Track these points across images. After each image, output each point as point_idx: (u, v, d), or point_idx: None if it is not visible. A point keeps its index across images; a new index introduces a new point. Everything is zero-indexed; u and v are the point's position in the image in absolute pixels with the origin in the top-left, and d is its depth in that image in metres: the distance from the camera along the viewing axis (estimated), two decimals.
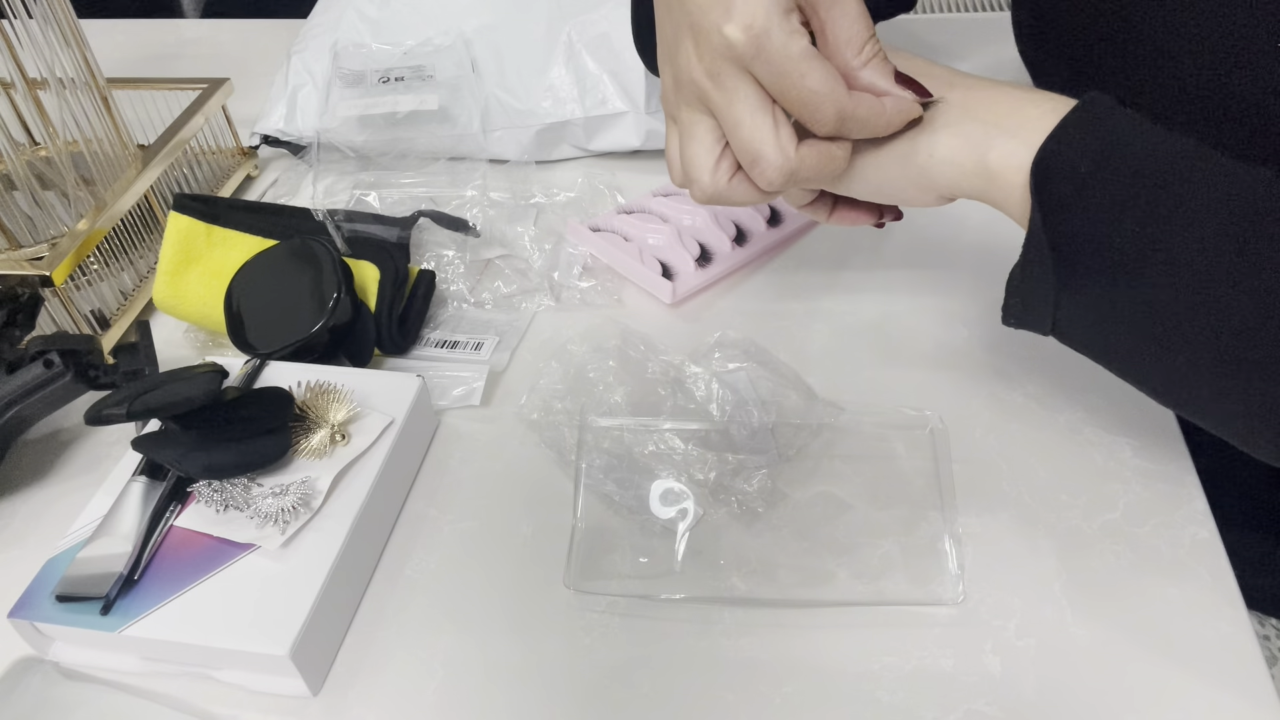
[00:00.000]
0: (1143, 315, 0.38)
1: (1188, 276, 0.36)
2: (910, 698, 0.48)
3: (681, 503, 0.56)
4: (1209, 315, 0.36)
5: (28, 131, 0.80)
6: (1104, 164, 0.36)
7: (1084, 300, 0.39)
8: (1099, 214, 0.36)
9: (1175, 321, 0.37)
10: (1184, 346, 0.38)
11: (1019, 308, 0.42)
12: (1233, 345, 0.36)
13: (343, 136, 0.86)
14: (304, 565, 0.50)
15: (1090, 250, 0.37)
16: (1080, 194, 0.36)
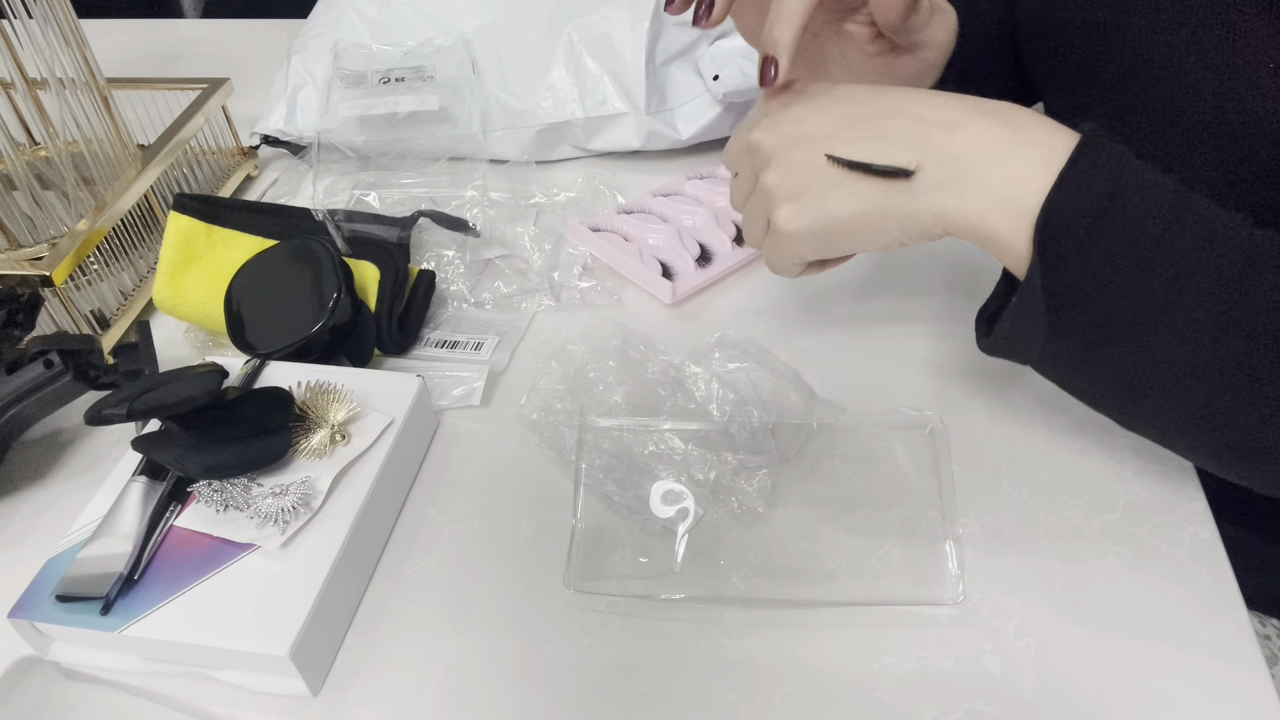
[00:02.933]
0: (1127, 366, 0.39)
1: (1174, 335, 0.37)
2: (910, 698, 0.48)
3: (681, 503, 0.56)
4: (1192, 373, 0.38)
5: (28, 131, 0.80)
6: (1102, 222, 0.37)
7: (1071, 346, 0.40)
8: (1096, 272, 0.37)
9: (1159, 375, 0.38)
10: (1165, 399, 0.39)
11: (1004, 344, 0.42)
12: (1211, 402, 0.38)
13: (343, 137, 0.86)
14: (304, 565, 0.50)
15: (1084, 304, 0.38)
16: (1080, 252, 0.37)
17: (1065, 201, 0.37)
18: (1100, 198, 0.36)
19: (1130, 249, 0.36)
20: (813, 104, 0.45)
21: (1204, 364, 0.37)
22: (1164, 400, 0.39)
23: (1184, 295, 0.36)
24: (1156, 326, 0.37)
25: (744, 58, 0.85)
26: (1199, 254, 0.36)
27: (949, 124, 0.41)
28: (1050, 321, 0.38)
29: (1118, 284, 0.37)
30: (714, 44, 0.87)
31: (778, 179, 0.45)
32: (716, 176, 0.83)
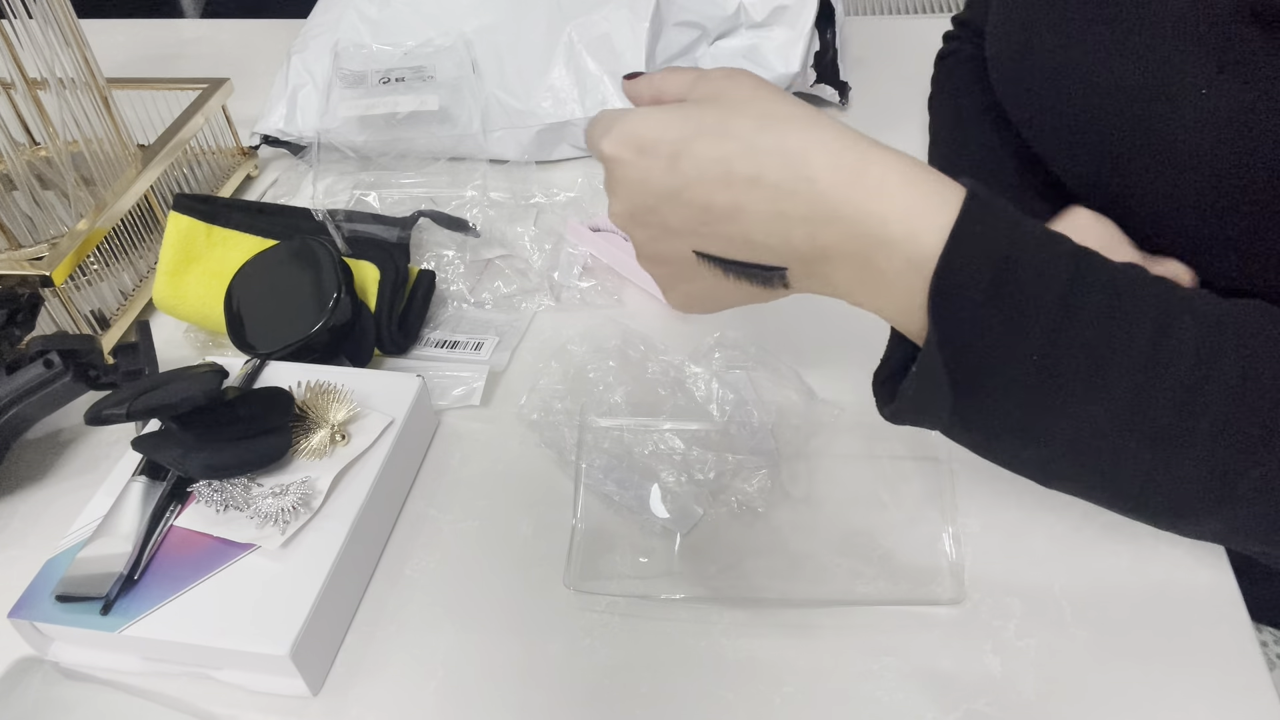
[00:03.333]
0: (1042, 436, 0.35)
1: (1091, 395, 0.33)
2: (910, 698, 0.48)
3: (681, 503, 0.56)
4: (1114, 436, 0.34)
5: (28, 131, 0.80)
6: (1001, 286, 0.33)
7: (983, 416, 0.36)
8: (998, 336, 0.33)
9: (1078, 441, 0.35)
10: (1089, 461, 0.35)
11: (910, 414, 0.38)
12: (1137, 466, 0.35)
13: (343, 137, 0.86)
14: (304, 565, 0.50)
15: (988, 370, 0.34)
16: (979, 317, 0.33)
17: (958, 268, 0.33)
18: (995, 260, 0.33)
19: (1034, 311, 0.33)
20: (662, 185, 0.38)
21: (1123, 426, 0.33)
22: (1090, 464, 0.35)
23: (1097, 350, 0.33)
24: (1070, 388, 0.33)
25: (744, 58, 0.85)
26: (1109, 307, 0.33)
27: (810, 220, 0.36)
28: (955, 392, 0.34)
29: (1024, 345, 0.33)
30: (714, 44, 0.87)
31: (653, 269, 0.43)
32: None
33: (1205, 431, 0.32)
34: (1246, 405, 0.32)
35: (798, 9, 0.85)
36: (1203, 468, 0.33)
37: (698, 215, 0.38)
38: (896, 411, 0.37)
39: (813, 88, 0.90)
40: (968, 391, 0.33)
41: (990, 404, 0.34)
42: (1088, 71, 0.55)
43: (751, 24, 0.86)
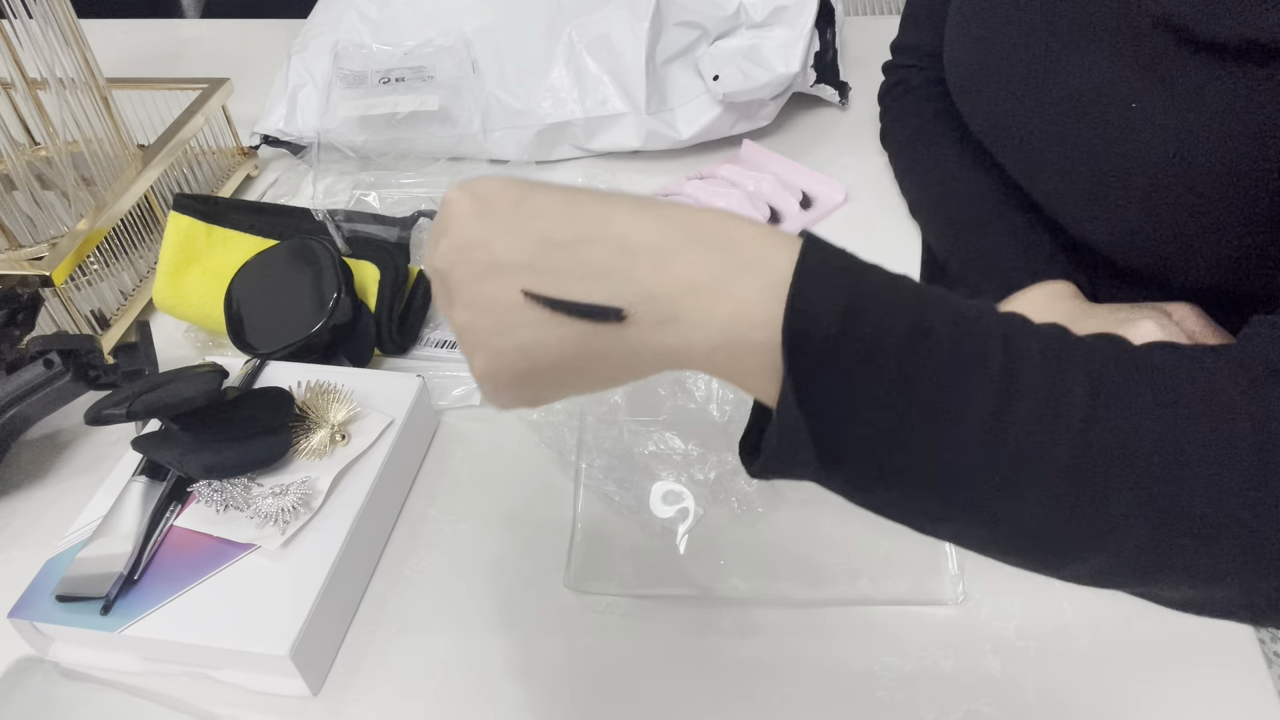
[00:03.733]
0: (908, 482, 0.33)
1: (947, 443, 0.31)
2: (910, 698, 0.48)
3: (681, 503, 0.56)
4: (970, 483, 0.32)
5: (28, 131, 0.80)
6: (849, 331, 0.31)
7: (848, 468, 0.34)
8: (854, 383, 0.31)
9: (941, 488, 0.33)
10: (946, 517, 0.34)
11: (776, 469, 0.35)
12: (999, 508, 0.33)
13: (343, 137, 0.86)
14: (304, 565, 0.50)
15: (850, 420, 0.32)
16: (832, 366, 0.31)
17: (803, 319, 0.31)
18: (838, 309, 0.31)
19: (885, 352, 0.31)
20: (500, 220, 0.36)
21: (983, 461, 0.32)
22: (960, 503, 0.33)
23: (950, 393, 0.31)
24: (929, 432, 0.31)
25: (744, 58, 0.85)
26: (955, 340, 0.32)
27: (658, 251, 0.34)
28: (818, 446, 0.32)
29: (878, 392, 0.31)
30: (714, 44, 0.87)
31: (467, 319, 0.37)
32: (717, 177, 0.83)
33: (1064, 456, 0.31)
34: (1103, 426, 0.31)
35: (798, 9, 0.85)
36: (1070, 496, 0.31)
37: (534, 248, 0.35)
38: (764, 466, 0.34)
39: (813, 88, 0.90)
40: (827, 441, 0.32)
41: (851, 447, 0.32)
42: (1032, 85, 0.58)
43: (751, 24, 0.86)
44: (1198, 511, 0.31)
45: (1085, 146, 0.55)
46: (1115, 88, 0.52)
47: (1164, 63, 0.49)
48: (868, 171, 0.84)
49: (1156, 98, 0.50)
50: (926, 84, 0.77)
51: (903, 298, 0.32)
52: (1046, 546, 0.33)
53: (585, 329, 0.35)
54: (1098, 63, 0.53)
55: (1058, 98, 0.56)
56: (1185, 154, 0.49)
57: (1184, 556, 0.32)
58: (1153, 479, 0.31)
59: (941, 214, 0.71)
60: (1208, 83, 0.47)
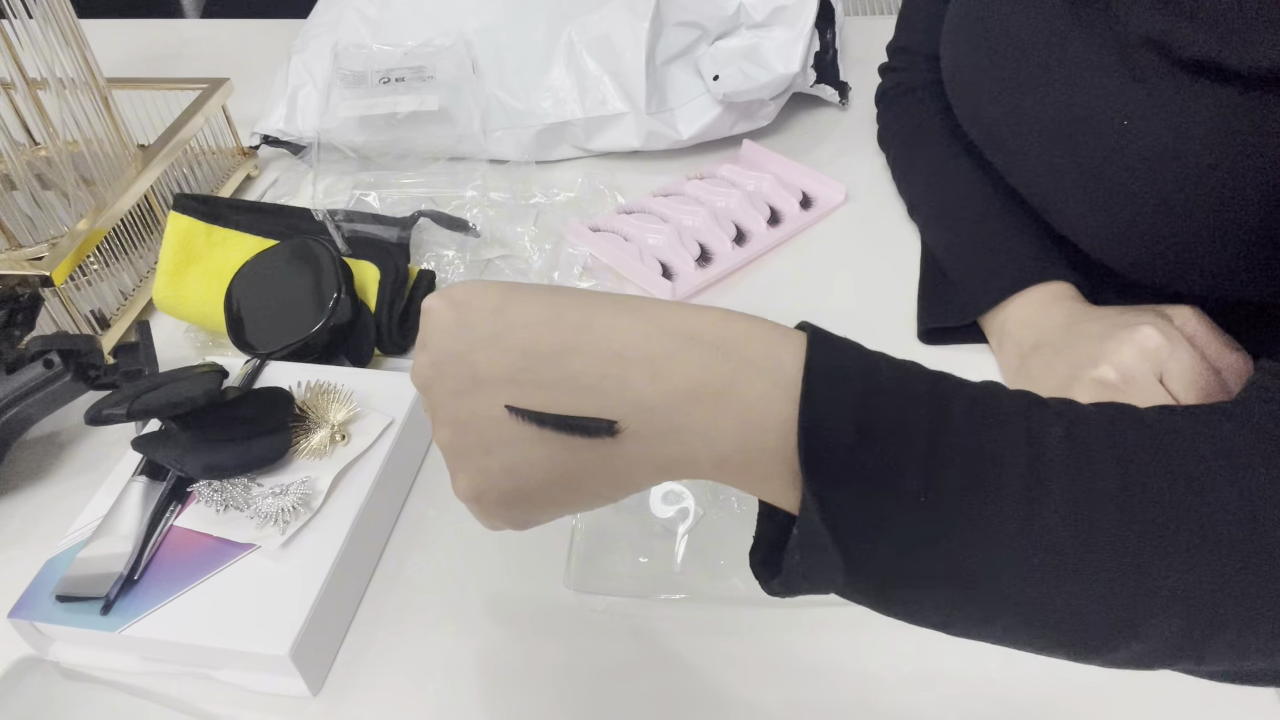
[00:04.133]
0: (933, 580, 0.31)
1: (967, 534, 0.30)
2: (910, 698, 0.48)
3: (681, 503, 0.56)
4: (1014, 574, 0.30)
5: (28, 131, 0.80)
6: (868, 429, 0.30)
7: (882, 570, 0.31)
8: (874, 496, 0.30)
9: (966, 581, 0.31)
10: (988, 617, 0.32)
11: (801, 584, 0.33)
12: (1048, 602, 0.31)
13: (343, 137, 0.86)
14: (304, 565, 0.50)
15: (870, 517, 0.30)
16: (854, 470, 0.30)
17: (818, 432, 0.30)
18: (852, 417, 0.30)
19: (907, 456, 0.30)
20: (480, 330, 0.34)
21: (1018, 553, 0.30)
22: (995, 601, 0.31)
23: (980, 490, 0.30)
24: (962, 532, 0.30)
25: (744, 58, 0.85)
26: (980, 439, 0.31)
27: (652, 359, 0.32)
28: (845, 558, 0.30)
29: (905, 497, 0.30)
30: (714, 44, 0.87)
31: (448, 437, 0.35)
32: (717, 177, 0.83)
33: (1103, 540, 0.30)
34: (1139, 503, 0.30)
35: (798, 9, 0.85)
36: (1110, 584, 0.30)
37: (517, 361, 0.33)
38: (786, 584, 0.33)
39: (813, 88, 0.90)
40: (856, 544, 0.30)
41: (881, 555, 0.30)
42: (1025, 97, 0.59)
43: (751, 24, 0.86)
44: (1242, 580, 0.30)
45: (1077, 161, 0.55)
46: (1106, 104, 0.53)
47: (1153, 80, 0.50)
48: (868, 171, 0.84)
49: (1147, 115, 0.50)
50: (924, 85, 0.78)
51: (916, 393, 0.31)
52: (1095, 633, 0.31)
53: (576, 445, 0.32)
54: (1089, 79, 0.54)
55: (1050, 112, 0.57)
56: (1175, 171, 0.50)
57: (1230, 629, 0.31)
58: (1194, 549, 0.30)
59: (940, 215, 0.71)
60: (1194, 101, 0.48)
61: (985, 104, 0.64)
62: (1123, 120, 0.51)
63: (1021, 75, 0.59)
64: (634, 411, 0.32)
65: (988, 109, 0.64)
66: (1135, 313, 0.56)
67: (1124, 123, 0.51)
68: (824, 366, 0.31)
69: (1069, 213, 0.59)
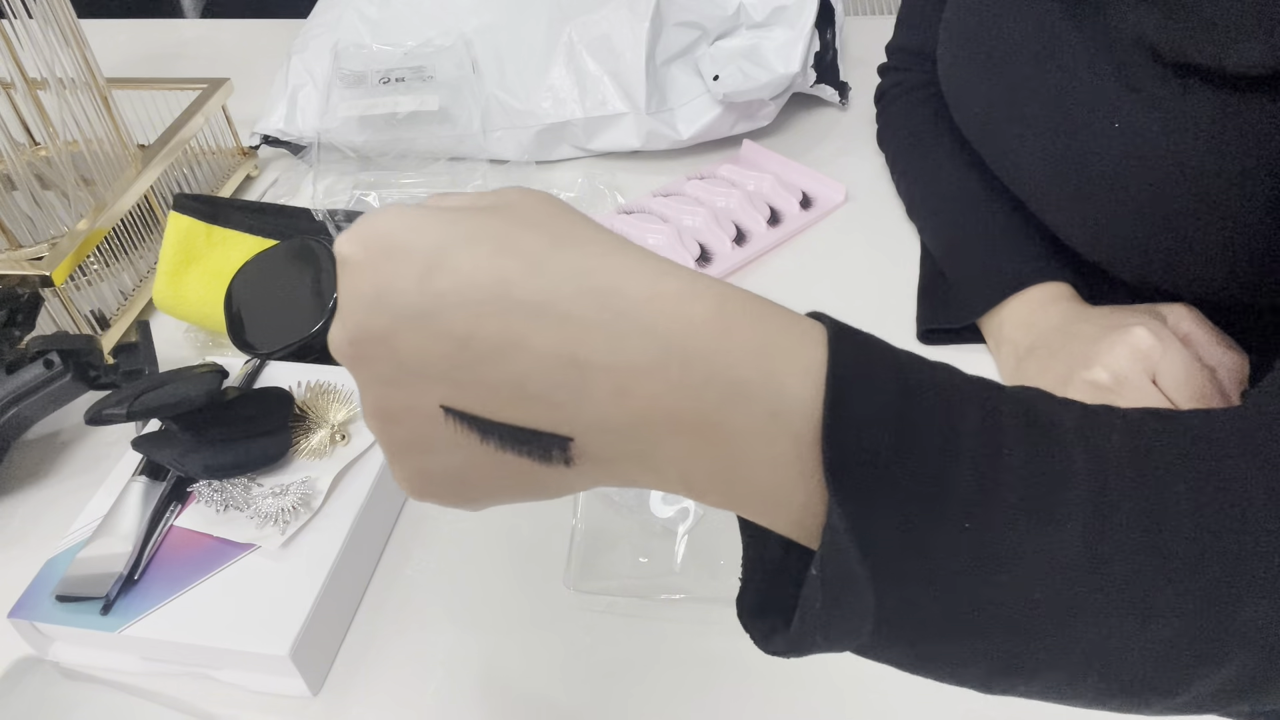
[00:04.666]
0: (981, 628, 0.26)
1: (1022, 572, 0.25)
2: (910, 698, 0.48)
3: (681, 503, 0.56)
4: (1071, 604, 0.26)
5: (28, 131, 0.80)
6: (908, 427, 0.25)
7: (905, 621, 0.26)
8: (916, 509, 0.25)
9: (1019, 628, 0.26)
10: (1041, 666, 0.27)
11: (816, 640, 0.27)
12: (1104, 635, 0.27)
13: (343, 137, 0.86)
14: (304, 565, 0.50)
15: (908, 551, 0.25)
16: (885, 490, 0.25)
17: (851, 432, 0.25)
18: (892, 397, 0.25)
19: (953, 463, 0.25)
20: (403, 303, 0.27)
21: (1085, 588, 0.26)
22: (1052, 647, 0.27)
23: (1038, 511, 0.25)
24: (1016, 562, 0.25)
25: (744, 58, 0.85)
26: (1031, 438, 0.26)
27: (616, 370, 0.25)
28: (877, 586, 0.25)
29: (950, 509, 0.25)
30: (714, 44, 0.87)
31: (378, 429, 0.29)
32: (717, 177, 0.83)
33: (1180, 575, 0.26)
34: (1210, 534, 0.26)
35: (798, 9, 0.85)
36: (1188, 621, 0.26)
37: (451, 352, 0.26)
38: (795, 640, 0.27)
39: (813, 88, 0.90)
40: (889, 586, 0.25)
41: (922, 596, 0.25)
42: (1018, 99, 0.59)
43: (751, 24, 0.86)
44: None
45: (1069, 163, 0.56)
46: (1098, 106, 0.53)
47: (1144, 83, 0.50)
48: (868, 171, 0.84)
49: (1137, 117, 0.50)
50: (922, 85, 0.78)
51: (963, 398, 0.26)
52: (1166, 678, 0.27)
53: (525, 461, 0.27)
54: (1082, 81, 0.54)
55: (1043, 114, 0.57)
56: (1166, 173, 0.50)
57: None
58: (1274, 578, 0.26)
59: (938, 215, 0.71)
60: (1185, 103, 0.48)
61: (980, 106, 0.64)
62: (1114, 123, 0.52)
63: (1015, 77, 0.59)
64: (592, 431, 0.26)
65: (982, 111, 0.64)
66: (1129, 313, 0.56)
67: (1115, 125, 0.52)
68: (849, 365, 0.26)
69: (1063, 214, 0.59)
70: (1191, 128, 0.48)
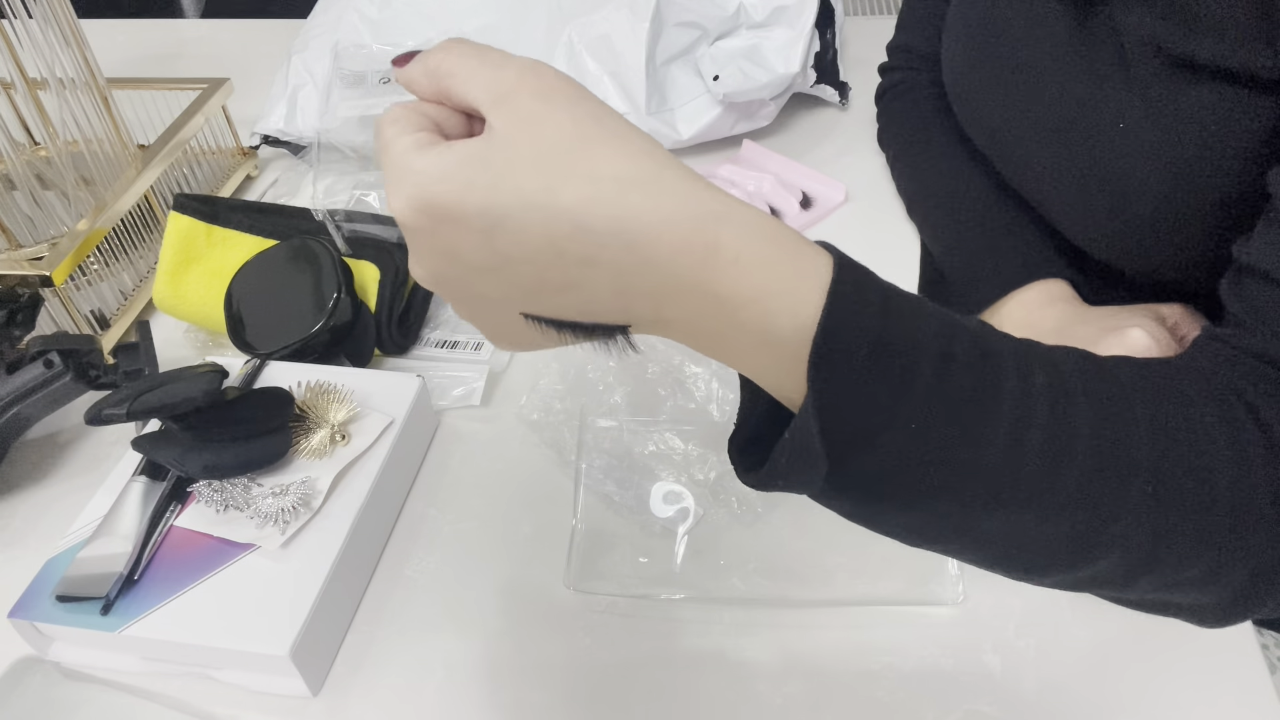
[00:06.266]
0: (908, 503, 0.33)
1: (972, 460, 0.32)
2: (910, 698, 0.48)
3: (681, 503, 0.56)
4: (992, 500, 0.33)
5: (28, 131, 0.80)
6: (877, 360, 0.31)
7: (849, 487, 0.33)
8: (875, 408, 0.31)
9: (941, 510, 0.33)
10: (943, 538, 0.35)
11: (778, 483, 0.34)
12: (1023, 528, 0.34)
13: (343, 136, 0.86)
14: (304, 565, 0.50)
15: (863, 439, 0.31)
16: (854, 389, 0.31)
17: (835, 339, 0.31)
18: (871, 333, 0.31)
19: (911, 379, 0.31)
20: (472, 259, 0.31)
21: (994, 491, 0.32)
22: (961, 530, 0.34)
23: (968, 419, 0.32)
24: (944, 459, 0.32)
25: (744, 58, 0.85)
26: (977, 374, 0.32)
27: (656, 295, 0.31)
28: (831, 462, 0.31)
29: (902, 414, 0.31)
30: (714, 44, 0.87)
31: (467, 315, 0.35)
32: (717, 177, 0.83)
33: (1070, 489, 0.32)
34: (1101, 461, 0.33)
35: (798, 9, 0.85)
36: (1067, 525, 0.33)
37: (523, 289, 0.32)
38: (764, 479, 0.34)
39: (813, 88, 0.90)
40: (841, 460, 0.31)
41: (865, 472, 0.32)
42: (1023, 99, 0.59)
43: (751, 24, 0.86)
44: (1189, 519, 0.33)
45: (1075, 162, 0.56)
46: (1103, 106, 0.53)
47: (1147, 81, 0.50)
48: (868, 171, 0.84)
49: (1142, 116, 0.50)
50: (923, 85, 0.78)
51: (928, 328, 0.32)
52: (1039, 563, 0.35)
53: (591, 340, 0.34)
54: (1086, 81, 0.54)
55: (1048, 113, 0.57)
56: (1170, 171, 0.50)
57: (1163, 569, 0.34)
58: (1145, 499, 0.33)
59: (938, 214, 0.71)
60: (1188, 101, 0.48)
61: (985, 106, 0.64)
62: (1119, 122, 0.52)
63: (1020, 77, 0.59)
64: (643, 325, 0.33)
65: (987, 111, 0.64)
66: (1127, 314, 0.56)
67: (1120, 124, 0.52)
68: (847, 294, 0.32)
69: (1068, 212, 0.59)
70: (1194, 126, 0.48)
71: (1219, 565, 0.34)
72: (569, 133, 0.30)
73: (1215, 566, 0.34)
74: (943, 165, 0.72)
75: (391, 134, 0.32)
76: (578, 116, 0.31)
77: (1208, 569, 0.34)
